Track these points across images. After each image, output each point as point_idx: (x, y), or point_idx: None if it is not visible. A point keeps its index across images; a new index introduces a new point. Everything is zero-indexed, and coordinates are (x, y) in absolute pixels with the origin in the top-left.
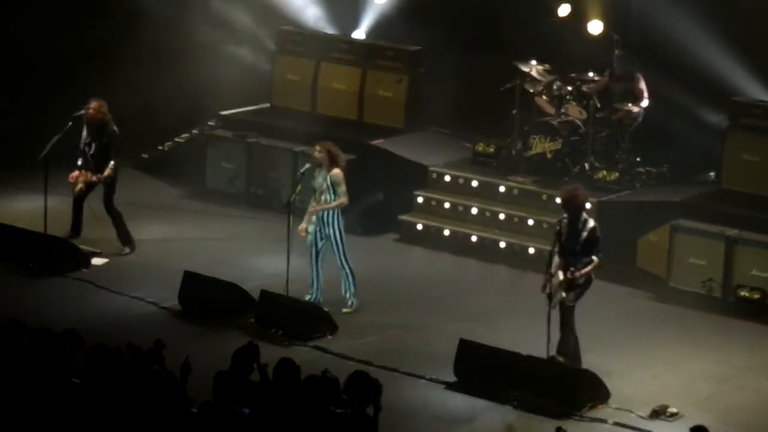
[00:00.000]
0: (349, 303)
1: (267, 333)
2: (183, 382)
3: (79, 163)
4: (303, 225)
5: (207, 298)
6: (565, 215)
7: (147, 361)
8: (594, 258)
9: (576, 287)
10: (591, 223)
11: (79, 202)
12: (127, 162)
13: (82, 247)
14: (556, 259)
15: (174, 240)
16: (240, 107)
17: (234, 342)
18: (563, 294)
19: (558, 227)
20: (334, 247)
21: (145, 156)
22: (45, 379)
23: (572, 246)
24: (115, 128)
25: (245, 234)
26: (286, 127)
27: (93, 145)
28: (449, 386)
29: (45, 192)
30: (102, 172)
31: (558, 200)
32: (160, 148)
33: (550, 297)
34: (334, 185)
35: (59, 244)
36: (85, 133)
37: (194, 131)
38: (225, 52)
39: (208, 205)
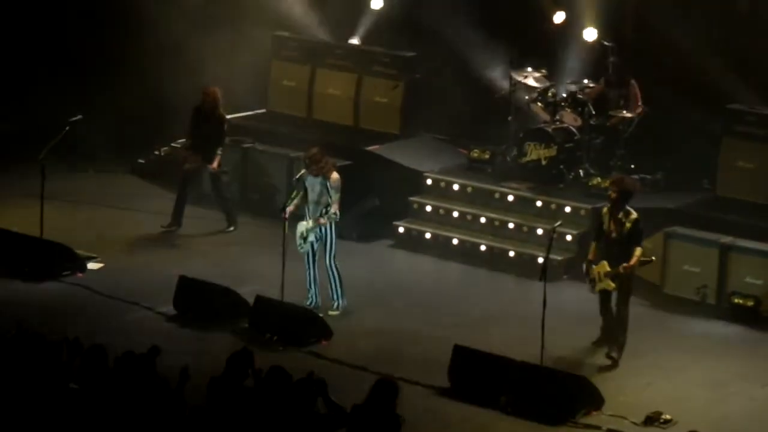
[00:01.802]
0: (335, 306)
1: (261, 338)
2: (180, 389)
3: (187, 145)
4: (303, 224)
5: (202, 302)
6: (607, 205)
7: (139, 366)
8: (637, 248)
9: (623, 280)
10: (633, 214)
11: (185, 188)
12: (123, 167)
13: (78, 251)
14: (593, 245)
15: (169, 244)
16: (236, 113)
17: (229, 347)
18: (611, 284)
19: (600, 215)
20: (326, 248)
21: (141, 161)
22: (39, 383)
23: (616, 236)
24: (224, 114)
25: (240, 239)
26: (282, 132)
27: (205, 129)
28: (443, 392)
29: (41, 196)
30: (211, 159)
31: (610, 182)
32: (156, 153)
33: (593, 282)
34: (333, 190)
35: (55, 249)
36: (193, 117)
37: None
38: (221, 57)
39: (203, 209)
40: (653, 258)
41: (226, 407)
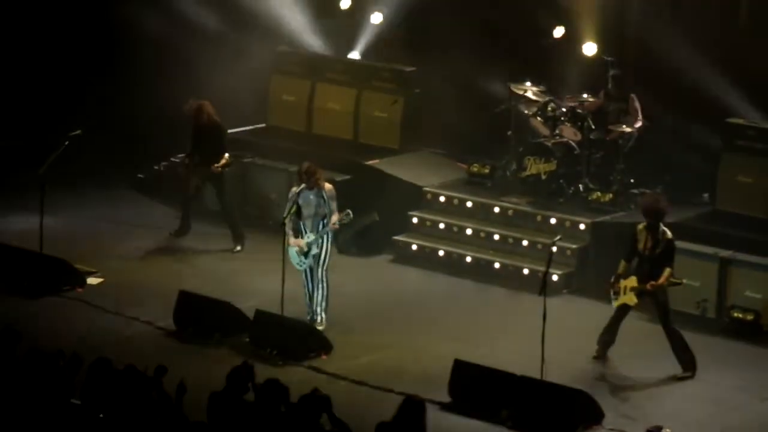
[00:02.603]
0: (319, 319)
1: (261, 352)
2: (178, 403)
3: (186, 161)
4: (301, 241)
5: (202, 317)
6: (643, 223)
7: (146, 386)
8: (667, 269)
9: (657, 300)
10: (668, 234)
11: (190, 199)
12: (123, 182)
13: (78, 266)
14: (622, 264)
15: (169, 259)
16: (236, 127)
17: (229, 361)
18: (635, 299)
19: (634, 232)
20: (320, 259)
21: (140, 176)
22: (39, 398)
23: (648, 254)
24: (223, 125)
25: (240, 253)
26: (282, 147)
27: (205, 144)
28: (444, 407)
29: (41, 211)
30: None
31: (640, 206)
32: (155, 168)
33: (617, 295)
34: (331, 200)
35: (54, 264)
36: (192, 131)
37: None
38: (221, 71)
39: (203, 224)
40: (684, 281)
41: (227, 422)
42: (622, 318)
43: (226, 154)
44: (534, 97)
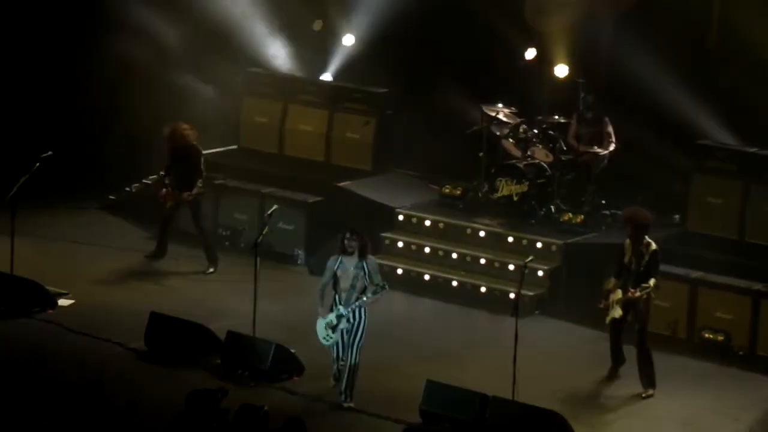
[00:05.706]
0: (348, 399)
1: (233, 374)
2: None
3: (167, 181)
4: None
5: (173, 338)
6: (627, 237)
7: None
8: (652, 280)
9: (638, 311)
10: (653, 246)
11: (167, 221)
12: (94, 203)
13: (49, 287)
14: (612, 280)
15: (141, 281)
16: (208, 149)
17: (200, 383)
18: (620, 312)
19: (622, 247)
20: (355, 336)
21: (112, 197)
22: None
23: (635, 267)
24: (199, 147)
25: (212, 275)
26: (254, 168)
27: (180, 164)
28: (415, 428)
29: (12, 233)
30: (190, 190)
31: (622, 219)
32: (127, 189)
33: (607, 309)
34: (372, 273)
35: (25, 285)
36: (169, 153)
37: (162, 173)
38: (193, 93)
39: (174, 246)
40: (652, 283)
41: None
42: (619, 333)
43: (199, 182)
44: (506, 119)
